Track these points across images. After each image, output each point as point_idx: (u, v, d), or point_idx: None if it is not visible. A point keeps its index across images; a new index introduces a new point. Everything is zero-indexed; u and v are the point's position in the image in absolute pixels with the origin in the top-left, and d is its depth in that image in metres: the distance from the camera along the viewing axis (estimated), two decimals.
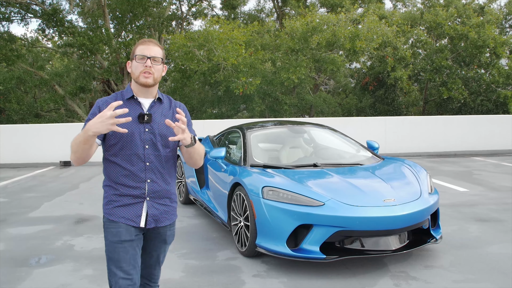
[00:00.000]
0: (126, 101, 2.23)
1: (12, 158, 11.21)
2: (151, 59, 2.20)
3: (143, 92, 2.25)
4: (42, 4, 17.50)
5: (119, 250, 2.17)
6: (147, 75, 2.20)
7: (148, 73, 2.19)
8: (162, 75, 2.30)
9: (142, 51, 2.21)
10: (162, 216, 2.28)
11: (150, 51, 2.21)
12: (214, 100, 16.91)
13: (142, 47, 2.22)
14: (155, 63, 2.21)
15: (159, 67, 2.24)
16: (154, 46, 2.24)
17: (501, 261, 3.99)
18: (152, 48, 2.22)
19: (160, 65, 2.24)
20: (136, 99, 2.25)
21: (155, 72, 2.21)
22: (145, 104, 2.26)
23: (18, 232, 5.14)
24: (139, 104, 2.24)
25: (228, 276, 3.73)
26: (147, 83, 2.20)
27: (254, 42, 16.16)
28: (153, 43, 2.25)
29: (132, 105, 2.23)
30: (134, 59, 2.22)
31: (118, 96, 2.26)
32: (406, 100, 20.03)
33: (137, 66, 2.21)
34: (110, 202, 2.22)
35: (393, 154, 11.75)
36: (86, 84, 17.69)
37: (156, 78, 2.23)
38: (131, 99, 2.24)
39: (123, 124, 2.12)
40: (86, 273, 3.85)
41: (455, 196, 6.77)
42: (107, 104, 2.18)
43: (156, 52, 2.22)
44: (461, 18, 18.05)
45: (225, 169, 4.90)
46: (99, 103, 2.23)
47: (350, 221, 3.62)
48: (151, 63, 2.20)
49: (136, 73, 2.21)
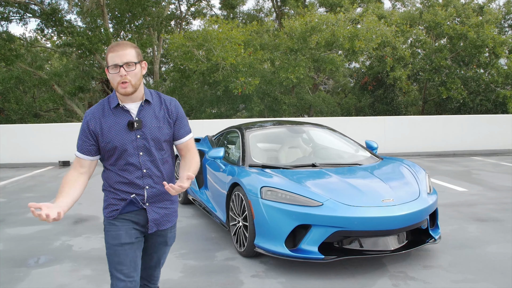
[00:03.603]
0: (113, 109, 2.16)
1: (11, 158, 11.20)
2: (124, 66, 2.05)
3: (128, 98, 2.15)
4: (41, 3, 17.48)
5: (120, 253, 2.15)
6: (124, 85, 2.07)
7: (125, 82, 2.06)
8: (142, 74, 2.18)
9: (113, 59, 2.05)
10: (163, 219, 2.26)
11: (121, 58, 2.04)
12: (213, 100, 16.90)
13: (112, 55, 2.06)
14: (129, 69, 2.06)
15: (135, 72, 2.08)
16: (124, 49, 2.06)
17: (500, 261, 3.98)
18: (122, 54, 2.05)
19: (136, 68, 2.08)
20: (123, 106, 2.15)
21: (131, 79, 2.07)
22: (133, 109, 2.16)
23: (17, 232, 5.14)
24: (127, 112, 2.15)
25: (227, 276, 3.73)
26: (127, 92, 2.09)
27: (253, 42, 16.15)
28: (122, 47, 2.07)
29: (120, 113, 2.15)
30: (108, 70, 2.08)
31: (105, 104, 2.18)
32: (405, 100, 20.04)
33: (113, 77, 2.07)
34: (110, 205, 2.20)
35: (392, 154, 11.76)
36: (85, 84, 17.68)
37: (135, 83, 2.10)
38: (117, 107, 2.16)
39: (115, 135, 2.12)
40: (84, 273, 3.84)
41: (454, 196, 6.77)
42: (94, 118, 2.15)
43: (128, 56, 2.06)
44: (460, 17, 18.05)
45: (223, 169, 4.90)
46: (87, 117, 2.17)
47: (349, 221, 3.61)
48: (125, 71, 2.05)
49: (115, 84, 2.09)
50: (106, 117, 2.15)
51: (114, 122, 2.14)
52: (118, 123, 2.14)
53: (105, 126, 2.14)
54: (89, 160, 2.18)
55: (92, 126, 2.14)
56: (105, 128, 2.13)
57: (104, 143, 2.14)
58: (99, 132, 2.14)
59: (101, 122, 2.14)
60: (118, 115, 2.15)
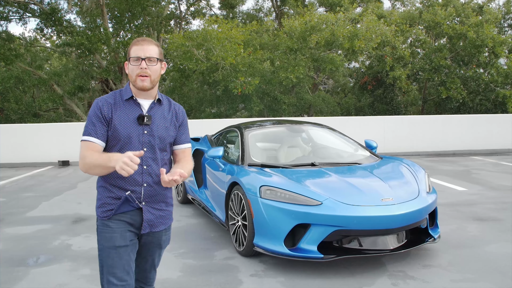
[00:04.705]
0: (125, 101, 2.16)
1: (11, 157, 11.19)
2: (146, 60, 2.09)
3: (142, 94, 2.17)
4: (41, 3, 17.48)
5: (113, 255, 2.12)
6: (143, 78, 2.10)
7: (145, 75, 2.10)
8: (161, 74, 2.21)
9: (136, 52, 2.10)
10: (158, 220, 2.23)
11: (145, 52, 2.10)
12: (212, 99, 16.89)
13: (136, 48, 2.11)
14: (150, 64, 2.11)
15: (155, 68, 2.13)
16: (149, 45, 2.13)
17: (500, 260, 3.98)
18: (146, 48, 2.11)
19: (157, 65, 2.13)
20: (136, 100, 2.18)
21: (151, 74, 2.12)
22: (145, 105, 2.18)
23: (16, 232, 5.13)
24: (138, 105, 2.17)
25: (226, 276, 3.72)
26: (144, 87, 2.12)
27: (252, 42, 16.14)
28: (148, 42, 2.14)
29: (131, 105, 2.16)
30: (129, 62, 2.13)
31: (116, 96, 2.19)
32: (404, 100, 20.04)
33: (133, 69, 2.11)
34: (104, 204, 2.15)
35: (391, 153, 11.75)
36: (85, 83, 17.67)
37: (154, 79, 2.14)
38: (130, 100, 2.17)
39: (123, 126, 2.11)
40: (83, 272, 3.84)
41: (454, 195, 6.77)
42: (107, 103, 2.14)
43: (152, 51, 2.11)
44: (460, 17, 18.05)
45: (223, 169, 4.89)
46: (99, 103, 2.14)
47: (348, 220, 3.61)
48: (146, 65, 2.09)
49: (133, 76, 2.12)
50: (117, 107, 2.15)
51: (125, 113, 2.14)
52: (128, 115, 2.14)
53: (115, 114, 2.13)
54: (100, 145, 2.11)
55: (106, 111, 2.12)
56: (115, 116, 2.13)
57: (111, 131, 2.12)
58: (111, 118, 2.12)
59: (112, 109, 2.13)
60: (129, 108, 2.16)
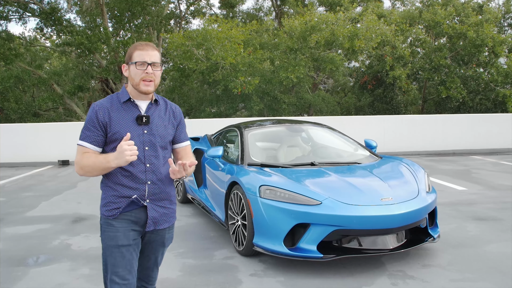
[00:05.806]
0: (123, 104, 2.19)
1: (10, 157, 11.19)
2: (152, 65, 2.13)
3: (140, 95, 2.20)
4: (40, 3, 17.47)
5: (116, 254, 2.14)
6: (148, 83, 2.14)
7: (150, 80, 2.14)
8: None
9: (142, 57, 2.13)
10: (162, 218, 2.25)
11: (150, 57, 2.14)
12: (212, 99, 16.89)
13: (141, 53, 2.14)
14: (155, 69, 2.15)
15: (159, 73, 2.18)
16: (153, 50, 2.17)
17: (499, 260, 3.98)
18: (151, 53, 2.15)
19: (160, 70, 2.19)
20: (133, 101, 2.20)
21: (155, 79, 2.17)
22: (142, 106, 2.21)
23: (16, 231, 5.13)
24: (136, 107, 2.20)
25: (225, 275, 3.72)
26: (148, 91, 2.16)
27: (252, 41, 16.14)
28: (151, 47, 2.17)
29: (129, 107, 2.19)
30: (134, 65, 2.14)
31: (113, 99, 2.21)
32: (404, 99, 20.04)
33: (137, 73, 2.14)
34: (109, 203, 2.17)
35: (391, 153, 11.75)
36: (85, 83, 17.66)
37: (157, 84, 2.19)
38: (127, 102, 2.20)
39: (123, 128, 2.14)
40: (83, 272, 3.83)
41: (453, 194, 6.76)
42: (103, 108, 2.15)
43: (156, 57, 2.16)
44: (460, 17, 18.06)
45: (222, 168, 4.89)
46: (96, 108, 2.16)
47: (348, 220, 3.61)
48: (152, 70, 2.14)
49: (136, 80, 2.15)
50: (115, 110, 2.17)
51: (123, 115, 2.17)
52: (127, 116, 2.16)
53: (113, 117, 2.15)
54: (93, 150, 2.15)
55: (101, 116, 2.14)
56: (114, 119, 2.15)
57: (111, 133, 2.14)
58: (107, 122, 2.14)
59: (110, 113, 2.15)
60: (127, 109, 2.18)
